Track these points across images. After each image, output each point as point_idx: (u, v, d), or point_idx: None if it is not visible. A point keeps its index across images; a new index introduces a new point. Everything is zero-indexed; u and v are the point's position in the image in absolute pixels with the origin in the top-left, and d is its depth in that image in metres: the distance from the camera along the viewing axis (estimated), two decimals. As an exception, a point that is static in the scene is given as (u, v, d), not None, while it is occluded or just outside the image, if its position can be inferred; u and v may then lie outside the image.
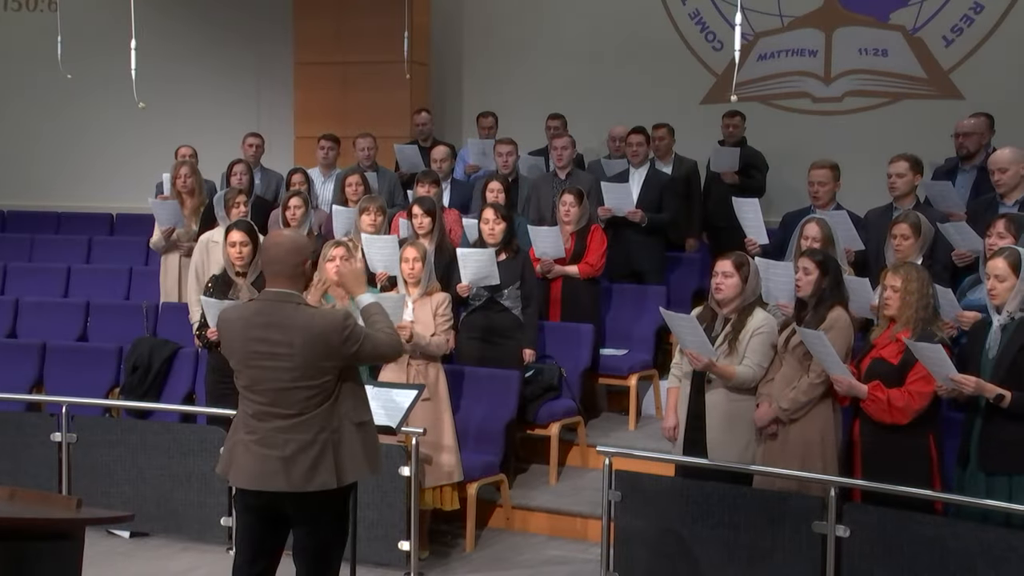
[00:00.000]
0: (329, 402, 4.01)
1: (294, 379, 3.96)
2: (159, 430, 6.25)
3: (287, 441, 3.96)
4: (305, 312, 4.03)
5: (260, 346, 3.99)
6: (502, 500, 6.40)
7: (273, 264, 4.09)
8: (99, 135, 11.45)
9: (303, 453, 3.96)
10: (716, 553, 5.04)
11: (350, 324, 4.01)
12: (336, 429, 4.02)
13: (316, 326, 3.97)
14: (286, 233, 4.46)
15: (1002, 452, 4.63)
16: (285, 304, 4.02)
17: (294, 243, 4.14)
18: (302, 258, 4.08)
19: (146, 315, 7.78)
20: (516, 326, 6.63)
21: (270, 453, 3.97)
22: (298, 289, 4.07)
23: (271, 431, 3.98)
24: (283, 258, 4.06)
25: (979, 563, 4.45)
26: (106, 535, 6.21)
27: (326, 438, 3.99)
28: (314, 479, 3.96)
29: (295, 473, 3.95)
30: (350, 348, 3.99)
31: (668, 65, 9.75)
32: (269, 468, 3.97)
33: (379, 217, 6.90)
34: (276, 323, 3.99)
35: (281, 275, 4.05)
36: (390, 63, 9.78)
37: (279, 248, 4.10)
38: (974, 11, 8.93)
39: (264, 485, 4.00)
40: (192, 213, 7.90)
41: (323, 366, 3.97)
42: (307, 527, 4.08)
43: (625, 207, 7.62)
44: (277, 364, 3.97)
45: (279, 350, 3.96)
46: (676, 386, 5.44)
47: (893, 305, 4.93)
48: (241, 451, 4.06)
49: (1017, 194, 6.14)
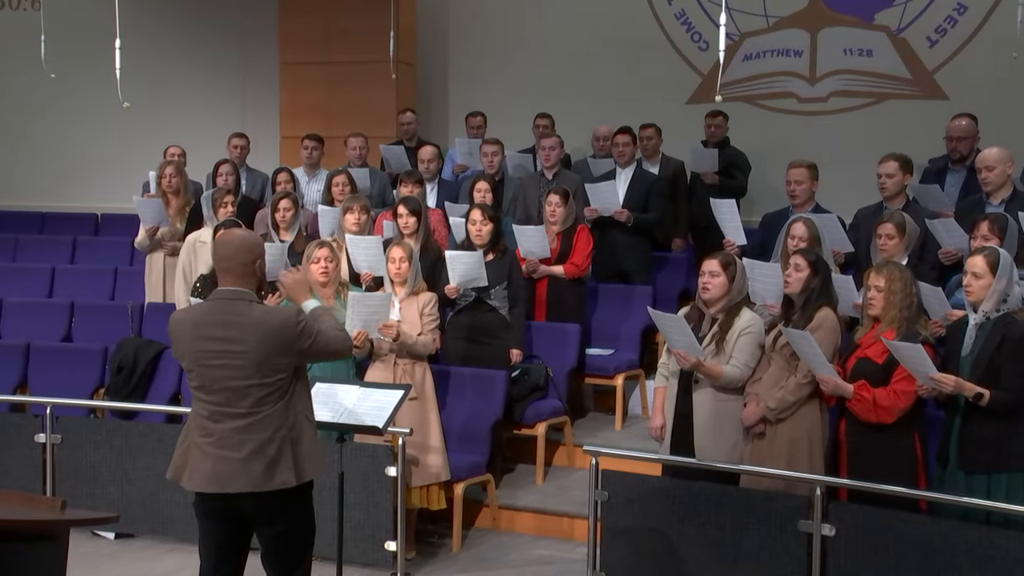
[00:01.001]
0: (284, 400, 3.98)
1: (248, 377, 3.92)
2: (144, 431, 6.23)
3: (244, 441, 3.91)
4: (257, 309, 4.00)
5: (212, 345, 3.95)
6: (488, 500, 6.40)
7: (222, 262, 4.07)
8: (83, 135, 11.40)
9: (261, 452, 3.91)
10: (703, 552, 5.05)
11: (303, 319, 3.99)
12: (293, 426, 3.98)
13: (270, 323, 3.94)
14: (236, 232, 4.43)
15: (981, 451, 4.66)
16: (237, 302, 3.98)
17: (243, 241, 4.11)
18: (251, 256, 4.04)
19: (131, 315, 7.75)
20: (503, 326, 6.63)
21: (227, 455, 3.92)
22: (250, 287, 4.03)
23: (227, 432, 3.93)
24: (231, 256, 4.03)
25: (963, 561, 4.47)
26: (91, 536, 6.19)
27: (284, 436, 3.95)
28: (274, 477, 3.92)
29: (254, 472, 3.90)
30: (304, 343, 3.97)
31: (654, 65, 9.76)
32: (227, 469, 3.92)
33: (363, 216, 6.89)
34: (229, 322, 3.96)
35: (231, 273, 4.03)
36: (376, 63, 9.76)
37: (228, 247, 4.07)
38: (958, 12, 8.97)
39: (223, 487, 3.95)
40: (177, 213, 7.87)
41: (277, 363, 3.93)
42: (270, 527, 4.04)
43: (611, 207, 7.63)
44: (230, 363, 3.93)
45: (232, 348, 3.93)
46: (663, 386, 5.44)
47: (877, 305, 4.95)
48: (196, 454, 4.00)
49: (1003, 193, 6.18)
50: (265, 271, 4.18)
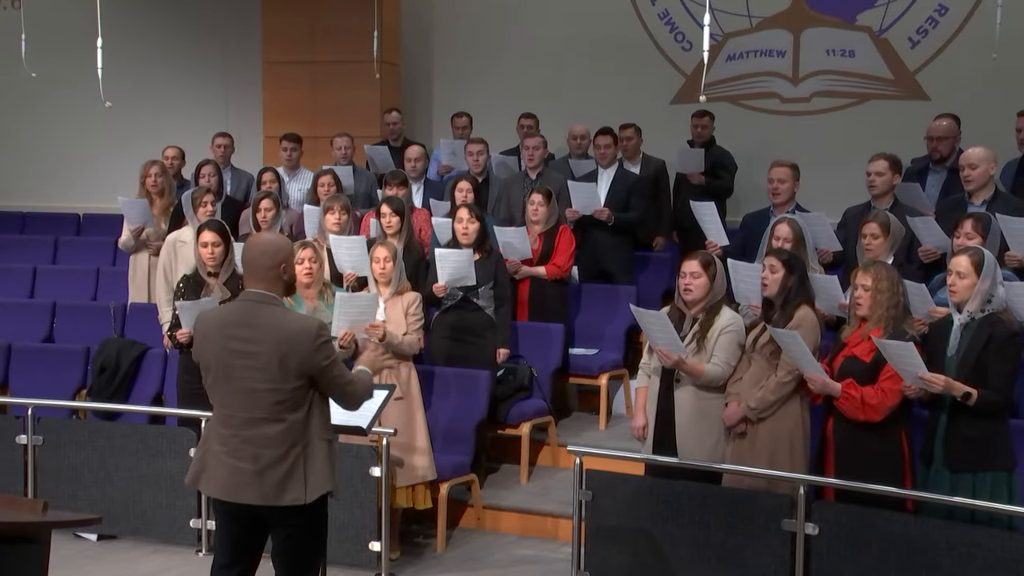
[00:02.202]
0: (300, 413, 3.97)
1: (262, 380, 3.93)
2: (127, 432, 6.20)
3: (258, 455, 3.93)
4: (278, 312, 4.01)
5: (234, 344, 3.97)
6: (473, 500, 6.40)
7: (247, 266, 4.10)
8: (65, 134, 11.33)
9: (275, 467, 3.93)
10: (686, 551, 5.06)
11: (325, 335, 3.99)
12: (308, 444, 3.99)
13: (289, 328, 3.95)
14: (264, 235, 4.45)
15: (966, 450, 4.69)
16: (261, 305, 4.01)
17: (270, 244, 4.12)
18: (276, 260, 4.05)
19: (114, 316, 7.71)
20: (489, 326, 6.63)
21: (242, 465, 3.94)
22: (275, 291, 4.05)
23: (241, 441, 3.95)
24: (256, 259, 4.05)
25: (945, 560, 4.50)
26: (73, 538, 6.16)
27: (298, 452, 3.96)
28: (285, 494, 3.94)
29: (266, 486, 3.93)
30: (320, 360, 3.95)
31: (638, 65, 9.77)
32: (241, 480, 3.95)
33: (343, 216, 6.88)
34: (250, 323, 3.98)
35: (255, 276, 4.05)
36: (360, 62, 9.74)
37: (253, 249, 4.10)
38: (939, 13, 9.02)
39: (236, 497, 3.98)
40: (162, 213, 7.84)
41: (290, 369, 3.92)
42: (283, 532, 4.06)
43: (592, 206, 7.64)
44: (247, 363, 3.94)
45: (250, 348, 3.94)
46: (645, 385, 5.45)
47: (864, 304, 4.96)
48: (213, 461, 4.03)
49: (984, 193, 6.21)
50: (294, 275, 4.22)
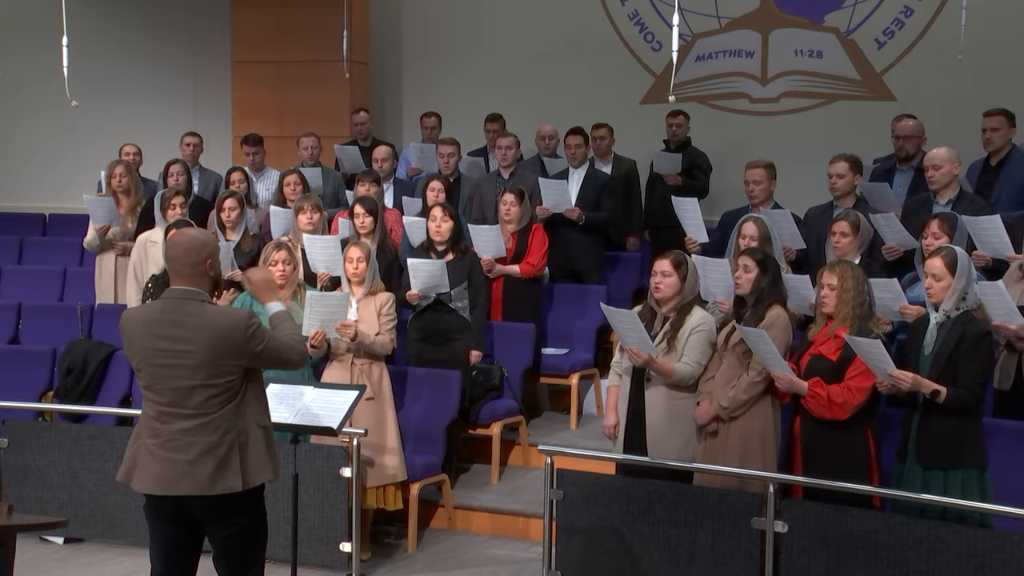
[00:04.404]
0: (234, 403, 3.95)
1: (196, 378, 3.90)
2: (94, 434, 6.15)
3: (192, 444, 3.89)
4: (208, 310, 3.98)
5: (162, 343, 3.93)
6: (444, 500, 6.39)
7: (172, 263, 4.07)
8: (30, 134, 11.22)
9: (209, 455, 3.89)
10: (657, 550, 5.08)
11: (254, 323, 3.96)
12: (242, 431, 3.96)
13: (219, 324, 3.92)
14: (186, 232, 4.38)
15: (938, 446, 4.73)
16: (188, 302, 3.97)
17: (192, 241, 4.07)
18: (201, 256, 4.01)
19: (81, 317, 7.64)
20: (463, 327, 6.62)
21: (175, 457, 3.90)
22: (201, 287, 4.01)
23: (175, 433, 3.91)
24: (180, 256, 4.02)
25: (911, 556, 4.54)
26: (39, 542, 6.10)
27: (232, 440, 3.93)
28: (220, 482, 3.90)
29: (200, 476, 3.89)
30: (254, 347, 3.94)
31: (608, 65, 9.79)
32: (174, 472, 3.90)
33: (316, 215, 6.85)
34: (179, 321, 3.94)
35: (181, 273, 4.02)
36: (329, 62, 9.71)
37: (177, 247, 4.06)
38: (904, 14, 9.10)
39: (169, 489, 3.93)
40: (128, 212, 7.78)
41: (226, 365, 3.91)
42: (220, 530, 4.01)
43: (563, 205, 7.65)
44: (179, 362, 3.91)
45: (181, 347, 3.91)
46: (616, 384, 5.46)
47: (830, 303, 5.00)
48: (145, 456, 3.98)
49: (949, 193, 6.27)
50: (220, 270, 4.16)
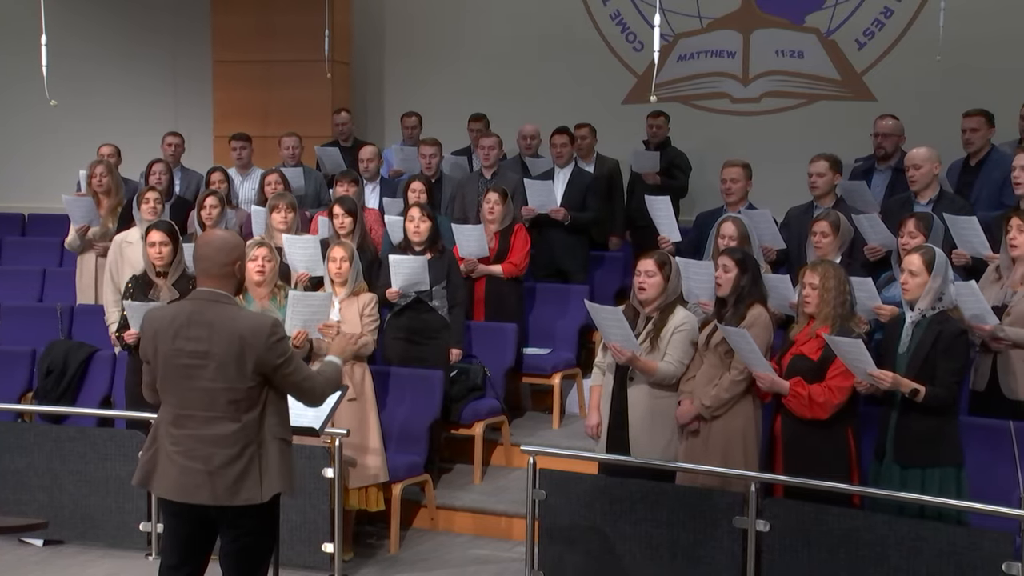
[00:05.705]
0: (254, 413, 3.93)
1: (214, 380, 3.89)
2: (74, 435, 6.12)
3: (211, 455, 3.88)
4: (231, 311, 3.96)
5: (184, 344, 3.92)
6: (426, 500, 6.38)
7: (200, 262, 4.05)
8: (9, 134, 11.15)
9: (229, 467, 3.89)
10: (639, 549, 5.09)
11: (278, 332, 3.95)
12: (262, 443, 3.96)
13: (239, 326, 3.91)
14: (218, 232, 4.38)
15: (916, 445, 4.77)
16: (213, 303, 3.96)
17: (224, 242, 4.07)
18: (230, 258, 4.00)
19: (61, 317, 7.60)
20: (443, 326, 6.62)
21: (194, 466, 3.89)
22: (227, 289, 4.00)
23: (194, 441, 3.90)
24: (211, 256, 4.00)
25: (892, 553, 4.57)
26: (18, 544, 6.06)
27: (252, 452, 3.92)
28: (239, 493, 3.90)
29: (219, 487, 3.88)
30: (273, 358, 3.91)
31: (590, 65, 9.80)
32: (193, 481, 3.90)
33: (290, 214, 6.83)
34: (202, 322, 3.93)
35: (208, 274, 4.00)
36: (311, 62, 9.68)
37: (207, 247, 4.05)
38: (884, 15, 9.15)
39: (188, 498, 3.93)
40: (108, 213, 7.74)
41: (243, 369, 3.89)
42: (233, 533, 4.02)
43: (548, 205, 7.66)
44: (199, 363, 3.90)
45: (201, 347, 3.90)
46: (599, 384, 5.47)
47: (812, 302, 5.03)
48: (164, 461, 3.97)
49: (930, 193, 6.31)
50: (245, 274, 4.16)
